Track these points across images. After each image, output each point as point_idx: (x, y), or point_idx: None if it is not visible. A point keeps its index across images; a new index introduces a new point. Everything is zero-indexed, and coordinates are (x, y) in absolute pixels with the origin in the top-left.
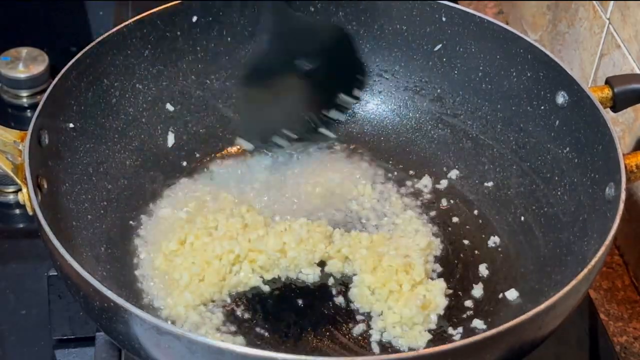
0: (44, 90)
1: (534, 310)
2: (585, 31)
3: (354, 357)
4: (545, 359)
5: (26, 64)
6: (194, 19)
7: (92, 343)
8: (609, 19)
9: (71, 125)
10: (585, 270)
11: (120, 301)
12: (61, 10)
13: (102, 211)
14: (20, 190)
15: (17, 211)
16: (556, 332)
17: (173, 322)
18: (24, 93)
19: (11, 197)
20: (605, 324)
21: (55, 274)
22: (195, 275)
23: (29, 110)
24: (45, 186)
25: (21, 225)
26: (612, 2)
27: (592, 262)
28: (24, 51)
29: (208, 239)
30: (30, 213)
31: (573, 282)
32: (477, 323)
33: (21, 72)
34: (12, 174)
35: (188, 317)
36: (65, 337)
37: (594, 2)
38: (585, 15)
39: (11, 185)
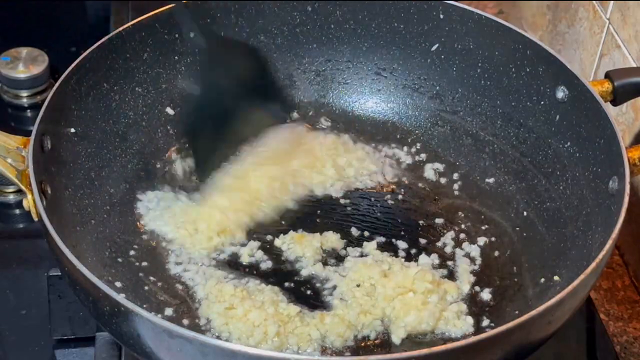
0: (44, 91)
1: (544, 305)
2: (585, 31)
3: (355, 357)
4: (545, 359)
5: (26, 64)
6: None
7: (92, 343)
8: (609, 19)
9: (72, 130)
10: (594, 264)
11: (131, 305)
12: (61, 10)
13: (105, 215)
14: (20, 190)
15: (17, 211)
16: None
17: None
18: (24, 93)
19: (11, 197)
20: (605, 324)
21: (55, 274)
22: None
23: (29, 111)
24: (49, 192)
25: (21, 226)
26: (612, 2)
27: (600, 255)
28: (24, 51)
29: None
30: (36, 219)
31: (582, 277)
32: (485, 322)
33: (21, 72)
34: (16, 181)
35: None
36: (65, 337)
37: (594, 2)
38: (585, 15)
39: (11, 185)
